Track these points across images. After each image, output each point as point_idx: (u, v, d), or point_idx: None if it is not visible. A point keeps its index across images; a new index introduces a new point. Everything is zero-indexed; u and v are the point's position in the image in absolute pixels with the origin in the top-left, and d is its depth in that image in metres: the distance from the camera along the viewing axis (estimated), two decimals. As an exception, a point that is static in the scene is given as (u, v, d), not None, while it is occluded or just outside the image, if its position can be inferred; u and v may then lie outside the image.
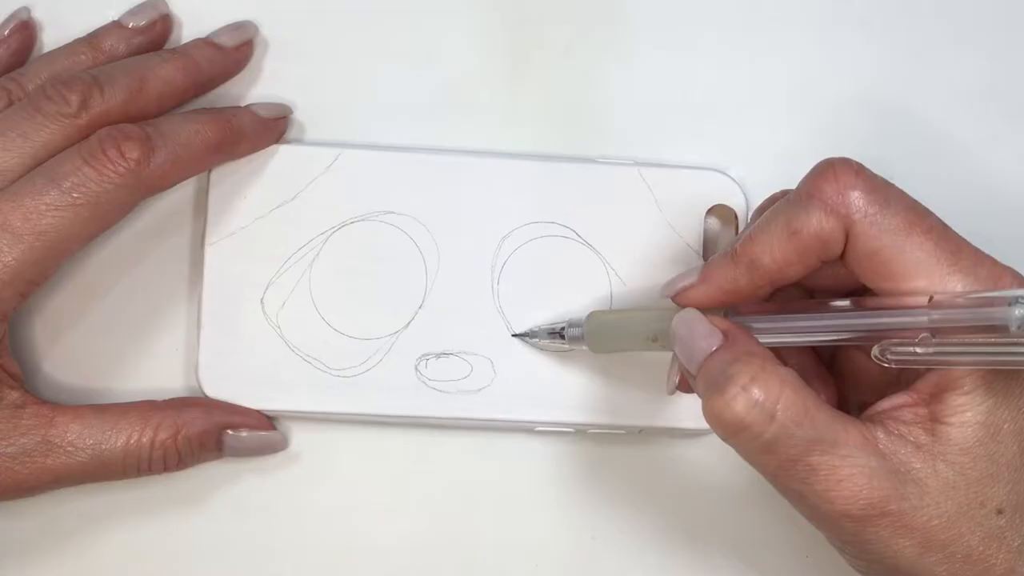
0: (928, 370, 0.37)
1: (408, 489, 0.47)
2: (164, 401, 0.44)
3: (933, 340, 0.35)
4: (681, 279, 0.41)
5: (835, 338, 0.38)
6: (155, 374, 0.46)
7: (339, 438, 0.46)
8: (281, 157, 0.46)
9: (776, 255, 0.38)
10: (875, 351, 0.37)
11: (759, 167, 0.48)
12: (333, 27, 0.48)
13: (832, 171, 0.38)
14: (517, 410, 0.46)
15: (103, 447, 0.42)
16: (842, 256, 0.38)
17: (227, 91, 0.47)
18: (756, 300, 0.40)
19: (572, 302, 0.46)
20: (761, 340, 0.38)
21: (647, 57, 0.49)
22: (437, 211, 0.46)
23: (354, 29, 0.48)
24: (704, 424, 0.45)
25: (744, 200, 0.47)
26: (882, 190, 0.37)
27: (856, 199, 0.37)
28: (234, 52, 0.46)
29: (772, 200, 0.42)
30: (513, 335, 0.46)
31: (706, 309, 0.39)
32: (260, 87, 0.48)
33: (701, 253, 0.46)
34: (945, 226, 0.37)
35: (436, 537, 0.47)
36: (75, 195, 0.40)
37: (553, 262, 0.46)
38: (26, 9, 0.46)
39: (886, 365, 0.37)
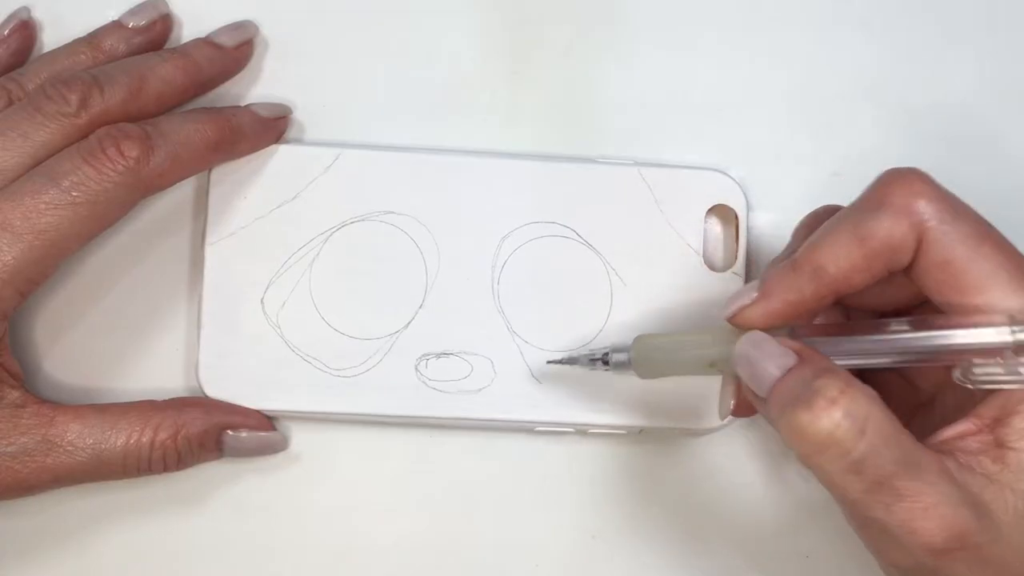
0: (989, 394, 0.36)
1: (408, 489, 0.47)
2: (164, 401, 0.44)
3: (1020, 359, 0.34)
4: (738, 298, 0.39)
5: (910, 359, 0.36)
6: (155, 374, 0.46)
7: (339, 438, 0.46)
8: (281, 157, 0.46)
9: (842, 262, 0.36)
10: (957, 374, 0.35)
11: (759, 167, 0.48)
12: (333, 27, 0.48)
13: (901, 177, 0.36)
14: (517, 410, 0.46)
15: (103, 447, 0.42)
16: (909, 266, 0.36)
17: (227, 91, 0.47)
18: (819, 312, 0.39)
19: (572, 302, 0.46)
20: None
21: (647, 57, 0.49)
22: (437, 211, 0.46)
23: (354, 29, 0.48)
24: (704, 424, 0.45)
25: (744, 200, 0.47)
26: (951, 199, 0.36)
27: (927, 206, 0.36)
28: (234, 52, 0.46)
29: (815, 216, 0.41)
30: (549, 362, 0.45)
31: (769, 330, 0.38)
32: (260, 87, 0.48)
33: (701, 253, 0.46)
34: (1010, 242, 0.36)
35: (436, 537, 0.47)
36: (74, 194, 0.40)
37: (553, 262, 0.46)
38: (26, 9, 0.47)
39: (971, 387, 0.35)
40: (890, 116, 0.49)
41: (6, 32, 0.46)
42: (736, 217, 0.47)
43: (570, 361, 0.44)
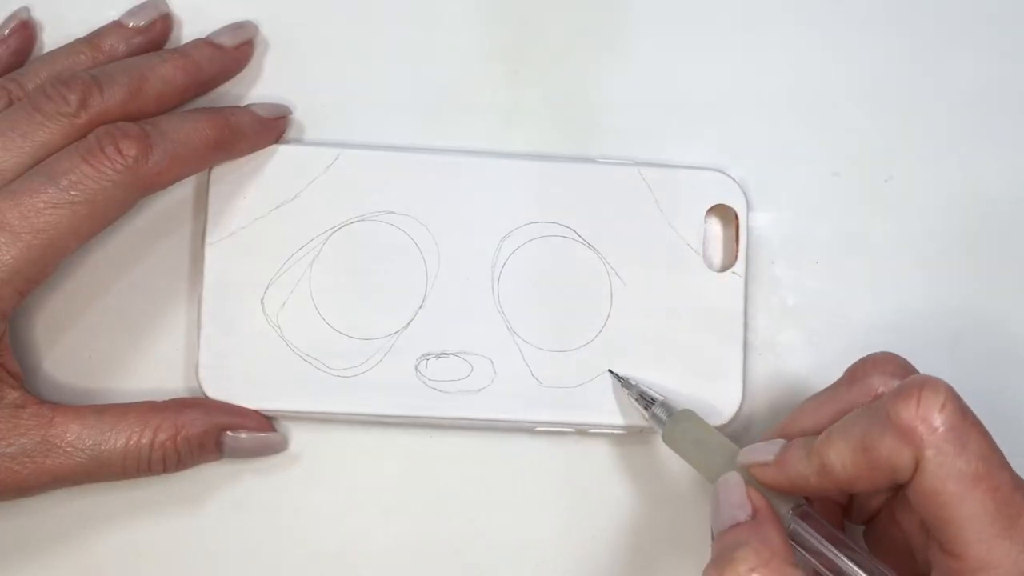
0: None
1: (408, 489, 0.47)
2: (164, 402, 0.44)
3: None
4: (760, 452, 0.40)
5: None
6: (155, 374, 0.46)
7: (339, 438, 0.46)
8: (281, 157, 0.46)
9: (848, 466, 0.37)
10: None
11: (759, 167, 0.48)
12: (333, 27, 0.48)
13: (917, 396, 0.36)
14: (517, 410, 0.46)
15: (102, 448, 0.42)
16: (908, 482, 0.37)
17: (227, 91, 0.47)
18: (829, 499, 0.40)
19: (572, 302, 0.46)
20: (799, 548, 0.38)
21: (647, 57, 0.49)
22: (437, 211, 0.46)
23: (354, 29, 0.48)
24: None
25: (744, 200, 0.47)
26: (963, 430, 0.36)
27: (933, 433, 0.35)
28: (234, 52, 0.46)
29: (866, 365, 0.41)
30: (610, 372, 0.46)
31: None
32: (260, 87, 0.48)
33: (701, 253, 0.46)
34: (1016, 484, 0.36)
35: (436, 537, 0.47)
36: (73, 193, 0.40)
37: (553, 262, 0.46)
38: (26, 9, 0.47)
39: None
40: (890, 116, 0.49)
41: (6, 32, 0.46)
42: (736, 217, 0.47)
43: (626, 384, 0.45)
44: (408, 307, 0.46)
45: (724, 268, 0.47)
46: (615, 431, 0.46)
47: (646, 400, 0.44)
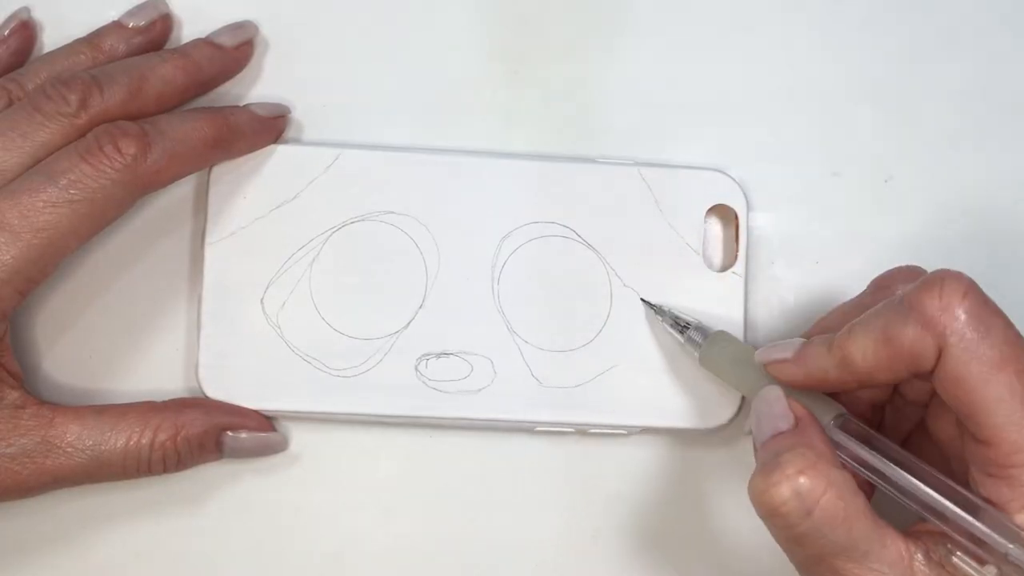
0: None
1: (408, 489, 0.47)
2: (163, 402, 0.44)
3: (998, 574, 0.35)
4: (777, 350, 0.41)
5: (912, 503, 0.37)
6: (155, 374, 0.46)
7: (339, 438, 0.46)
8: (281, 157, 0.46)
9: (868, 358, 0.37)
10: (940, 549, 0.36)
11: (759, 167, 0.48)
12: (333, 27, 0.48)
13: (940, 286, 0.36)
14: (517, 410, 0.46)
15: (102, 448, 0.42)
16: (931, 372, 0.37)
17: (227, 91, 0.47)
18: (846, 391, 0.40)
19: (572, 302, 0.46)
20: (842, 456, 0.38)
21: (647, 57, 0.49)
22: (437, 211, 0.46)
23: (354, 29, 0.48)
24: (703, 424, 0.46)
25: (744, 200, 0.47)
26: (985, 317, 0.36)
27: (955, 321, 0.36)
28: (234, 52, 0.46)
29: (892, 275, 0.42)
30: (642, 300, 0.46)
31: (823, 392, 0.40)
32: (260, 87, 0.48)
33: (701, 253, 0.46)
34: None
35: (436, 537, 0.47)
36: (72, 192, 0.40)
37: (553, 262, 0.46)
38: (26, 9, 0.47)
39: (934, 559, 0.36)
40: (890, 116, 0.49)
41: (6, 32, 0.46)
42: (736, 217, 0.47)
43: (660, 311, 0.46)
44: (408, 307, 0.46)
45: (724, 268, 0.47)
46: (615, 431, 0.46)
47: (680, 325, 0.45)
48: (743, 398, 0.46)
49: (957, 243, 0.48)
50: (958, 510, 0.36)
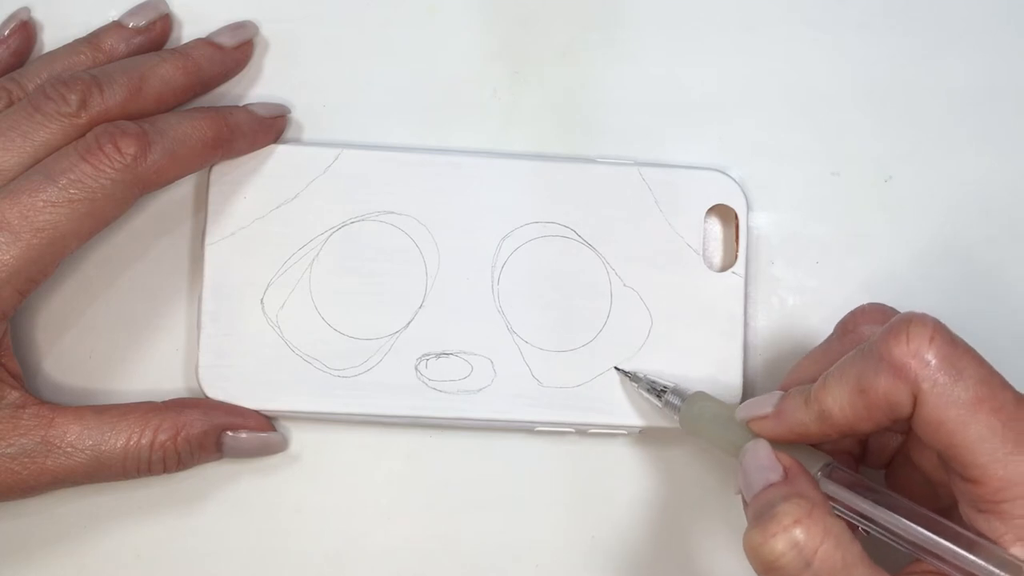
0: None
1: (408, 489, 0.47)
2: (164, 402, 0.44)
3: None
4: (757, 406, 0.40)
5: (905, 546, 0.37)
6: (155, 374, 0.46)
7: (339, 438, 0.46)
8: (281, 157, 0.46)
9: (846, 409, 0.37)
10: None
11: (759, 167, 0.48)
12: (333, 27, 0.48)
13: (906, 332, 0.36)
14: (517, 410, 0.46)
15: (102, 448, 0.42)
16: (909, 418, 0.37)
17: (227, 91, 0.47)
18: (828, 442, 0.40)
19: (572, 302, 0.46)
20: (839, 505, 0.38)
21: (647, 57, 0.49)
22: (437, 211, 0.46)
23: (354, 29, 0.48)
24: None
25: (744, 200, 0.47)
26: (955, 359, 0.36)
27: (926, 367, 0.36)
28: (234, 52, 0.46)
29: (855, 316, 0.42)
30: (616, 368, 0.46)
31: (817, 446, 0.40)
32: (260, 87, 0.48)
33: (701, 253, 0.46)
34: (1019, 402, 0.36)
35: (436, 537, 0.47)
36: (72, 191, 0.40)
37: (553, 262, 0.46)
38: (26, 9, 0.47)
39: None
40: (890, 116, 0.49)
41: (6, 32, 0.46)
42: (736, 217, 0.47)
43: (634, 378, 0.45)
44: (408, 307, 0.46)
45: (724, 268, 0.47)
46: (615, 431, 0.46)
47: (656, 390, 0.45)
48: (742, 400, 0.46)
49: (957, 243, 0.48)
50: (956, 548, 0.36)
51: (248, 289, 0.46)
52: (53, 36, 0.47)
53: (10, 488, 0.42)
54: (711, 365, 0.46)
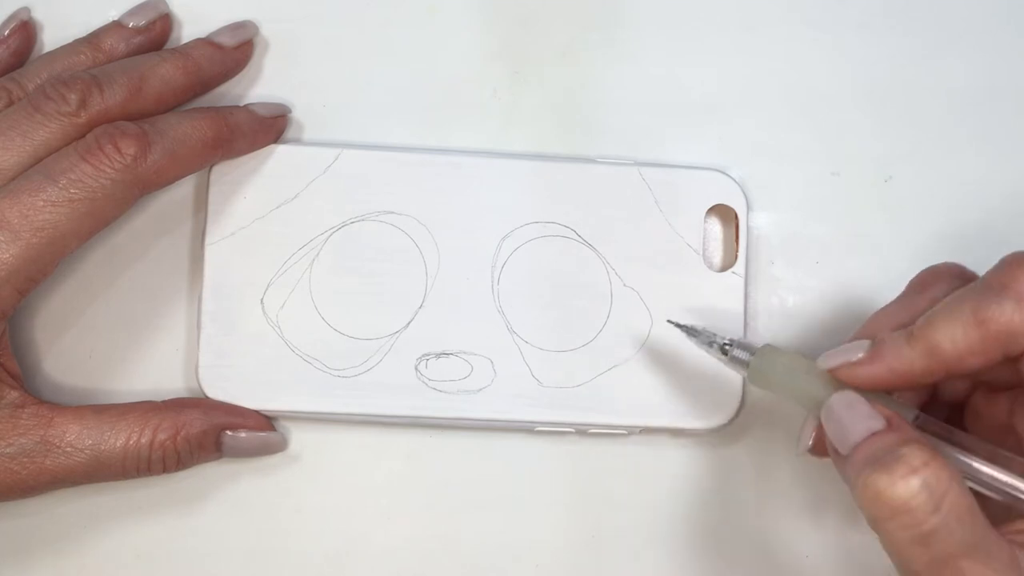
0: None
1: (408, 489, 0.47)
2: (163, 402, 0.44)
3: None
4: (844, 353, 0.39)
5: (1008, 499, 0.36)
6: (155, 374, 0.46)
7: (339, 438, 0.46)
8: (281, 157, 0.46)
9: (959, 343, 0.36)
10: None
11: (759, 167, 0.48)
12: (333, 27, 0.48)
13: (1021, 264, 0.36)
14: (517, 410, 0.46)
15: (102, 448, 0.42)
16: (1021, 356, 0.36)
17: (228, 90, 0.47)
18: (924, 386, 0.39)
19: (572, 302, 0.46)
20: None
21: (647, 57, 0.49)
22: (437, 211, 0.46)
23: (354, 29, 0.48)
24: (703, 425, 0.45)
25: (744, 200, 0.47)
26: None
27: None
28: (234, 51, 0.46)
29: (934, 273, 0.41)
30: (669, 321, 0.45)
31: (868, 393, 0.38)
32: (260, 87, 0.48)
33: (701, 253, 0.46)
34: None
35: (436, 537, 0.47)
36: (72, 191, 0.40)
37: (553, 262, 0.46)
38: (26, 9, 0.47)
39: None
40: (890, 116, 0.49)
41: (6, 32, 0.46)
42: (736, 217, 0.47)
43: (690, 332, 0.43)
44: (408, 307, 0.46)
45: (724, 268, 0.47)
46: (615, 431, 0.46)
47: (719, 345, 0.42)
48: (742, 399, 0.46)
49: (957, 243, 0.48)
50: None
51: (248, 289, 0.46)
52: (53, 36, 0.47)
53: (9, 488, 0.42)
54: (711, 365, 0.46)
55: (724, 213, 0.47)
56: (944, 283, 0.40)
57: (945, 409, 0.42)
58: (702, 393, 0.46)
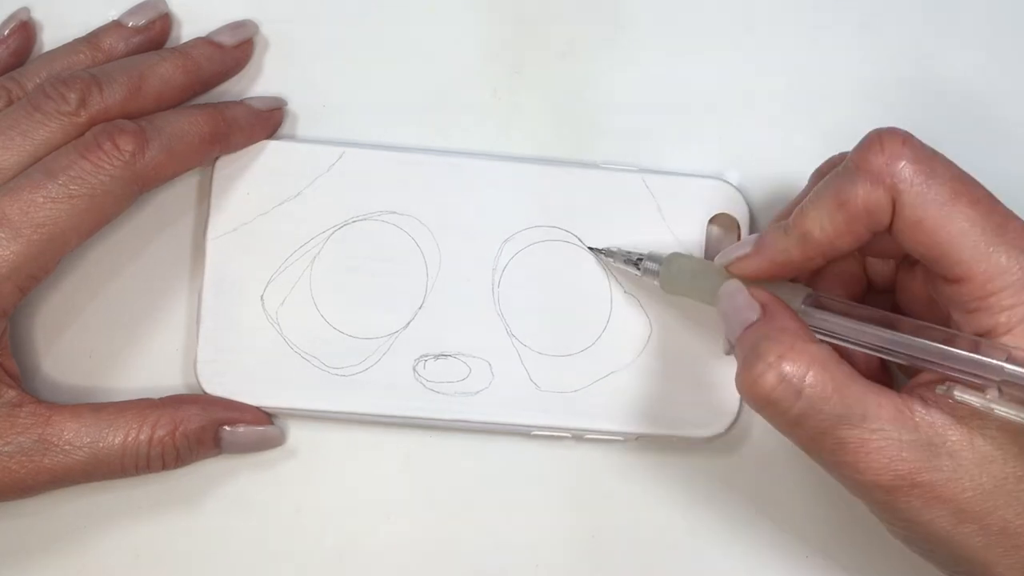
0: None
1: (405, 489, 0.47)
2: (161, 399, 0.44)
3: (1000, 396, 0.36)
4: (735, 249, 0.41)
5: (900, 358, 0.38)
6: (155, 371, 0.46)
7: (337, 437, 0.46)
8: (284, 154, 0.46)
9: (826, 227, 0.38)
10: (940, 388, 0.37)
11: (759, 167, 0.48)
12: (333, 27, 0.48)
13: (879, 142, 0.38)
14: (514, 414, 0.45)
15: (100, 445, 0.42)
16: (890, 227, 0.38)
17: (228, 89, 0.47)
18: (810, 270, 0.41)
19: (572, 307, 0.46)
20: (824, 334, 0.39)
21: (648, 58, 0.48)
22: (440, 212, 0.46)
23: (354, 29, 0.48)
24: (700, 432, 0.45)
25: (747, 209, 0.47)
26: (928, 160, 0.37)
27: (902, 169, 0.37)
28: (234, 51, 0.46)
29: (831, 164, 0.43)
30: (589, 247, 0.46)
31: (767, 281, 0.40)
32: (260, 86, 0.48)
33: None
34: (992, 198, 0.37)
35: (432, 537, 0.47)
36: (72, 188, 0.41)
37: (554, 266, 0.46)
38: (26, 9, 0.47)
39: (931, 404, 0.37)
40: (890, 116, 0.49)
41: (6, 32, 0.46)
42: (738, 226, 0.47)
43: (607, 252, 0.46)
44: (408, 307, 0.46)
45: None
46: (611, 438, 0.46)
47: (633, 260, 0.45)
48: (740, 408, 0.46)
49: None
50: (948, 348, 0.37)
51: (249, 285, 0.46)
52: (53, 36, 0.47)
53: (8, 487, 0.42)
54: (710, 374, 0.46)
55: (726, 222, 0.47)
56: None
57: (885, 296, 0.43)
58: (700, 401, 0.46)
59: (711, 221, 0.47)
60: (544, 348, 0.46)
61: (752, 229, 0.47)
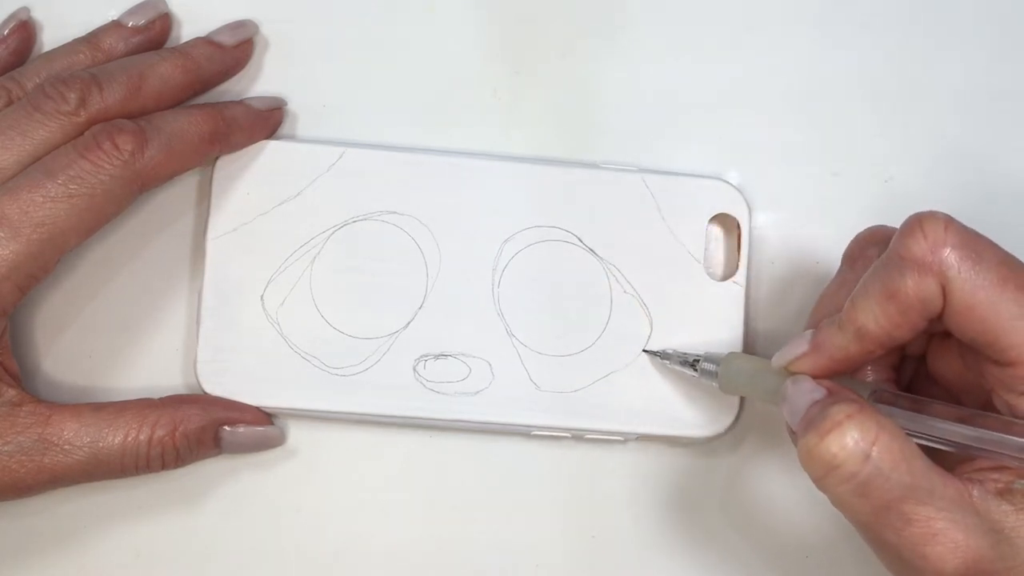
0: None
1: (405, 489, 0.47)
2: (161, 399, 0.44)
3: None
4: (792, 348, 0.40)
5: (972, 452, 0.37)
6: (155, 371, 0.46)
7: (337, 437, 0.46)
8: (285, 154, 0.46)
9: (880, 320, 0.37)
10: (1019, 483, 0.36)
11: (759, 167, 0.48)
12: (333, 27, 0.48)
13: (920, 228, 0.37)
14: (514, 414, 0.45)
15: (100, 445, 0.42)
16: (941, 313, 0.37)
17: (228, 89, 0.47)
18: (870, 362, 0.40)
19: (572, 307, 0.46)
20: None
21: (648, 58, 0.49)
22: (440, 212, 0.46)
23: (354, 29, 0.48)
24: (700, 432, 0.45)
25: (747, 210, 0.47)
26: (973, 244, 0.37)
27: (948, 256, 0.36)
28: (234, 50, 0.46)
29: (859, 242, 0.42)
30: (644, 351, 0.46)
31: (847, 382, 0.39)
32: (260, 86, 0.48)
33: (702, 262, 0.46)
34: None
35: (432, 537, 0.47)
36: (71, 187, 0.41)
37: (554, 266, 0.46)
38: (26, 9, 0.47)
39: (991, 492, 0.36)
40: (890, 116, 0.49)
41: (6, 32, 0.46)
42: (738, 227, 0.47)
43: (663, 355, 0.46)
44: (408, 307, 0.46)
45: (725, 277, 0.47)
46: (612, 438, 0.46)
47: (690, 362, 0.44)
48: (740, 407, 0.46)
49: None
50: (1014, 438, 0.36)
51: (249, 285, 0.46)
52: (52, 36, 0.47)
53: (8, 487, 0.42)
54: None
55: (726, 222, 0.47)
56: (873, 251, 0.41)
57: (913, 362, 0.43)
58: (700, 401, 0.46)
59: (711, 221, 0.47)
60: (544, 348, 0.46)
61: (752, 221, 0.47)
